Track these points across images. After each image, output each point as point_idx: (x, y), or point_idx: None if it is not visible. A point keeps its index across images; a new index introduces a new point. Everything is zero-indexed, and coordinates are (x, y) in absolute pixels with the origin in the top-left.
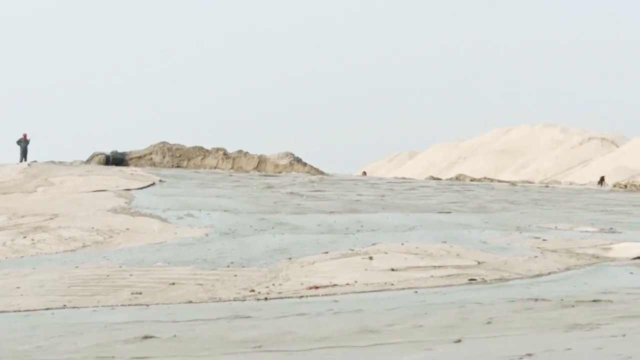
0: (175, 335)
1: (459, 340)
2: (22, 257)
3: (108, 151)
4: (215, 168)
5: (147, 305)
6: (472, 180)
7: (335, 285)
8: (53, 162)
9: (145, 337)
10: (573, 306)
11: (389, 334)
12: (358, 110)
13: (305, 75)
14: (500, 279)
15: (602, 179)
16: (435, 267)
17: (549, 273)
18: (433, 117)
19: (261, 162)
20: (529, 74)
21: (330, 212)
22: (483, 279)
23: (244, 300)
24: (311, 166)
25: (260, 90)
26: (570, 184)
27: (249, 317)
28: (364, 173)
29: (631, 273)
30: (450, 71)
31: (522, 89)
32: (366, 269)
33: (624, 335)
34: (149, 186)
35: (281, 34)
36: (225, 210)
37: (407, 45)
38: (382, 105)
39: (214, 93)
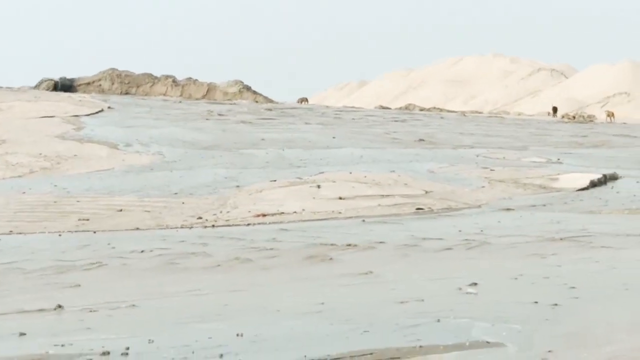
0: (124, 263)
1: (407, 268)
2: None
3: (57, 77)
4: (164, 95)
5: (94, 232)
6: (421, 109)
7: (283, 213)
8: (0, 87)
9: (92, 264)
10: (521, 236)
11: (337, 262)
12: (308, 38)
13: (256, 2)
14: (448, 208)
15: (554, 110)
16: (383, 196)
17: (494, 202)
18: (383, 46)
19: (210, 89)
20: (478, 3)
21: (279, 140)
22: (430, 208)
23: (192, 227)
24: (260, 94)
25: (211, 17)
26: (519, 114)
27: (196, 243)
28: (305, 100)
29: (576, 200)
30: None
31: (473, 19)
32: (314, 198)
33: (570, 265)
34: (97, 113)
35: None
36: (173, 138)
37: None
38: (332, 34)
39: (163, 17)
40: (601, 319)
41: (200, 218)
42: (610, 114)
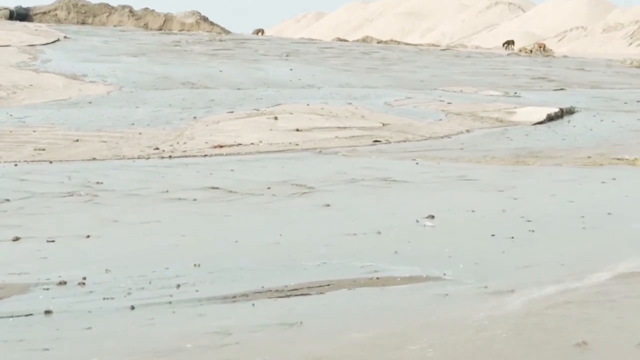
0: (81, 194)
1: (365, 201)
2: None
3: (12, 6)
4: (121, 25)
5: (51, 162)
6: (378, 42)
7: (240, 144)
8: None
9: (48, 194)
10: (479, 170)
11: (295, 194)
12: None
13: None
14: (405, 141)
15: (508, 43)
16: (340, 128)
17: (451, 135)
18: None
19: (167, 20)
20: None
21: (236, 72)
22: (387, 140)
23: (148, 158)
24: (217, 25)
25: None
26: (476, 48)
27: (154, 173)
28: (261, 31)
29: (526, 135)
30: None
31: None
32: (271, 129)
33: (527, 198)
34: (53, 42)
35: None
36: (130, 69)
37: None
38: None
39: None
40: (557, 253)
41: (157, 149)
42: (542, 46)
